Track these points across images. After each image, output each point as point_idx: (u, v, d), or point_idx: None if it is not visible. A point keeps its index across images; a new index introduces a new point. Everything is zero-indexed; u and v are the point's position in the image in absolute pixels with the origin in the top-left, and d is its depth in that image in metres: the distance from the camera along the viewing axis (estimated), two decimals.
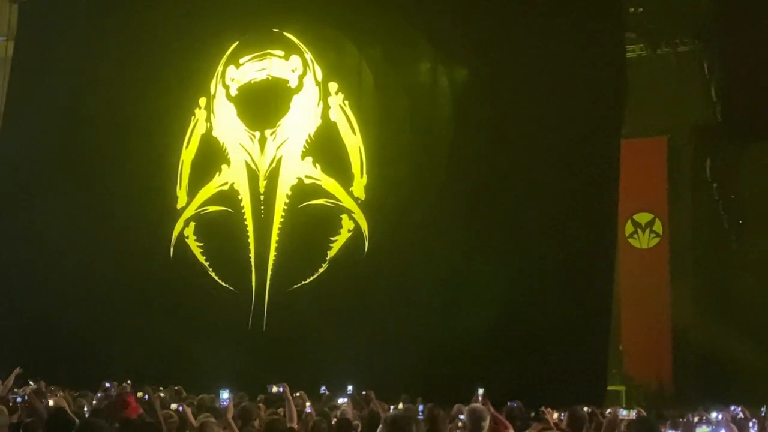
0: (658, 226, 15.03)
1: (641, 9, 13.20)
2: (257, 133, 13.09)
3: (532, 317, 10.71)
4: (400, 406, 8.35)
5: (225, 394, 7.60)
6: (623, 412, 9.03)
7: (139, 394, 8.00)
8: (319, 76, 12.96)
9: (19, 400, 7.05)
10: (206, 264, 13.37)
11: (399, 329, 11.38)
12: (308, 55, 13.05)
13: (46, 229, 14.63)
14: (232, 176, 13.31)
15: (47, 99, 14.99)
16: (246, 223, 13.04)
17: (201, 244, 13.49)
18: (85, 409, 7.57)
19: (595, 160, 10.95)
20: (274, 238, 12.74)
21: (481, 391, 7.38)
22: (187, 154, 13.84)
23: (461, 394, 9.05)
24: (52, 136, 14.73)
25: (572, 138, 11.06)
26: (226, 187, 13.34)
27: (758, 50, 12.04)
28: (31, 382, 9.88)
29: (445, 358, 11.05)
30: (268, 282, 12.75)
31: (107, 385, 9.66)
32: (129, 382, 9.98)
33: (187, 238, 13.59)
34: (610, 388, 11.78)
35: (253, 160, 13.09)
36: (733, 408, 9.49)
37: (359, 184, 12.50)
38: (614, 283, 11.27)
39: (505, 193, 11.45)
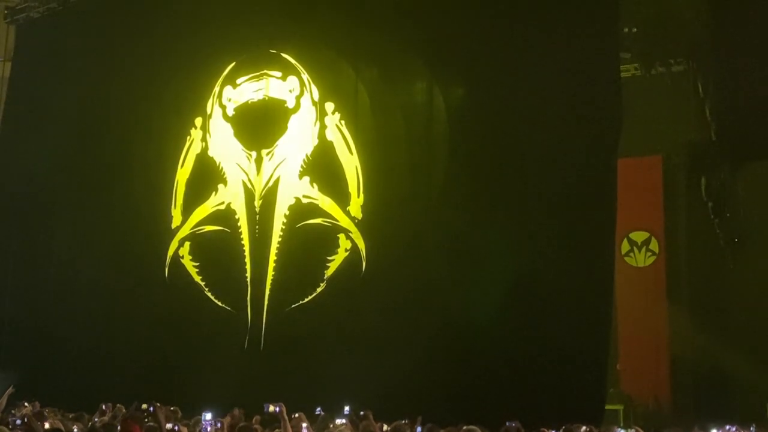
0: (654, 245, 15.05)
1: (635, 29, 13.29)
2: (254, 153, 13.13)
3: (531, 336, 10.70)
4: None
5: (208, 416, 7.54)
6: None
7: (144, 405, 7.96)
8: (316, 96, 13.02)
9: (18, 422, 7.01)
10: (202, 284, 13.36)
11: (397, 348, 11.35)
12: (305, 76, 13.12)
13: (41, 248, 14.65)
14: (228, 196, 13.33)
15: (44, 119, 15.06)
16: (242, 242, 13.03)
17: (197, 264, 13.48)
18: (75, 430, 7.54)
19: (592, 180, 10.97)
20: (272, 257, 12.75)
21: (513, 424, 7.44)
22: (182, 174, 13.87)
23: (460, 414, 9.07)
24: (48, 156, 14.77)
25: (568, 158, 11.09)
26: (222, 207, 13.35)
27: (752, 70, 12.13)
28: (26, 404, 9.85)
29: (443, 377, 11.02)
30: (265, 302, 12.73)
31: (104, 407, 9.62)
32: (121, 406, 9.92)
33: (182, 258, 13.58)
34: (607, 407, 11.76)
35: (249, 180, 13.11)
36: (728, 427, 9.50)
37: (356, 204, 12.52)
38: (612, 302, 11.25)
39: (501, 213, 11.46)
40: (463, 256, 11.52)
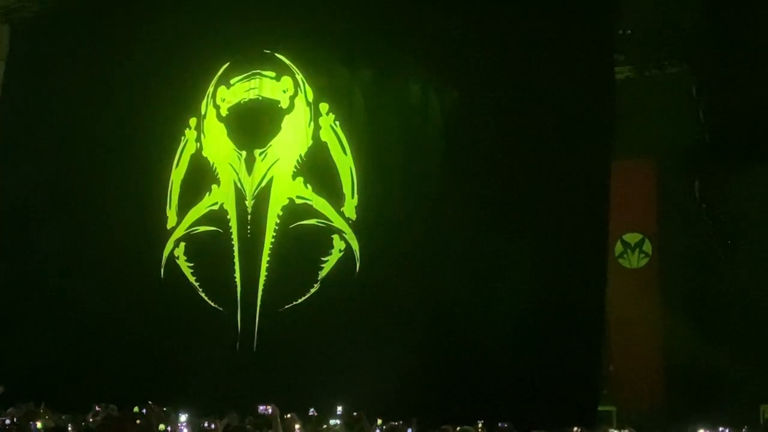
0: (647, 246, 15.07)
1: (630, 31, 13.31)
2: (243, 153, 13.14)
3: (523, 337, 10.72)
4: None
5: (182, 418, 7.52)
6: None
7: (135, 409, 7.96)
8: (310, 97, 13.03)
9: (8, 422, 6.99)
10: (196, 284, 13.36)
11: (390, 350, 11.36)
12: (299, 76, 13.13)
13: (35, 249, 14.60)
14: (221, 196, 13.34)
15: (38, 120, 15.01)
16: (232, 243, 13.05)
17: (191, 265, 13.48)
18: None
19: (586, 182, 11.01)
20: (265, 258, 12.74)
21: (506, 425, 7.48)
22: (177, 174, 13.87)
23: (455, 415, 9.09)
24: (42, 157, 14.72)
25: (562, 160, 11.12)
26: (215, 207, 13.36)
27: (746, 72, 12.17)
28: (20, 403, 9.83)
29: (436, 378, 11.03)
30: (258, 302, 12.73)
31: (97, 408, 9.61)
32: (114, 406, 9.92)
33: (178, 258, 13.59)
34: (600, 408, 11.78)
35: (239, 180, 13.12)
36: (721, 429, 9.51)
37: (350, 205, 12.53)
38: (605, 303, 11.26)
39: (496, 215, 11.48)
40: (456, 258, 11.53)
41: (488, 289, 11.13)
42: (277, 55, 13.32)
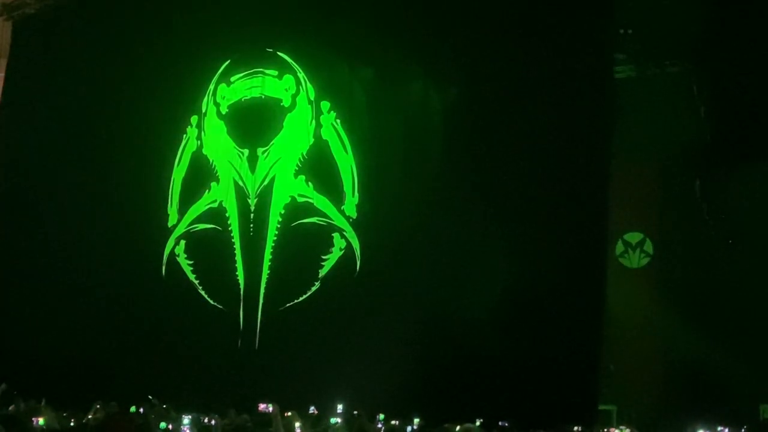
0: (648, 246, 15.07)
1: (630, 30, 13.30)
2: (245, 151, 13.16)
3: (523, 336, 10.72)
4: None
5: (186, 420, 7.52)
6: None
7: (132, 409, 7.96)
8: (312, 95, 13.04)
9: (8, 420, 7.00)
10: (196, 282, 13.38)
11: (390, 348, 11.38)
12: (301, 75, 13.14)
13: (36, 246, 14.63)
14: (220, 194, 13.38)
15: (40, 116, 15.04)
16: (233, 241, 13.06)
17: (191, 263, 13.51)
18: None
19: (586, 181, 11.01)
20: (267, 256, 12.77)
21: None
22: (178, 172, 13.90)
23: (454, 413, 9.10)
24: (43, 155, 14.75)
25: (563, 159, 11.13)
26: (215, 205, 13.40)
27: (747, 71, 12.17)
28: (21, 401, 9.84)
29: (436, 377, 11.04)
30: (260, 301, 12.76)
31: (97, 406, 9.62)
32: (115, 404, 9.94)
33: (178, 256, 13.62)
34: (601, 407, 11.79)
35: (241, 178, 13.14)
36: (720, 429, 9.51)
37: (351, 203, 12.55)
38: (605, 302, 11.28)
39: (495, 213, 11.49)
40: (457, 256, 11.54)
41: (488, 288, 11.12)
42: (279, 53, 13.33)
